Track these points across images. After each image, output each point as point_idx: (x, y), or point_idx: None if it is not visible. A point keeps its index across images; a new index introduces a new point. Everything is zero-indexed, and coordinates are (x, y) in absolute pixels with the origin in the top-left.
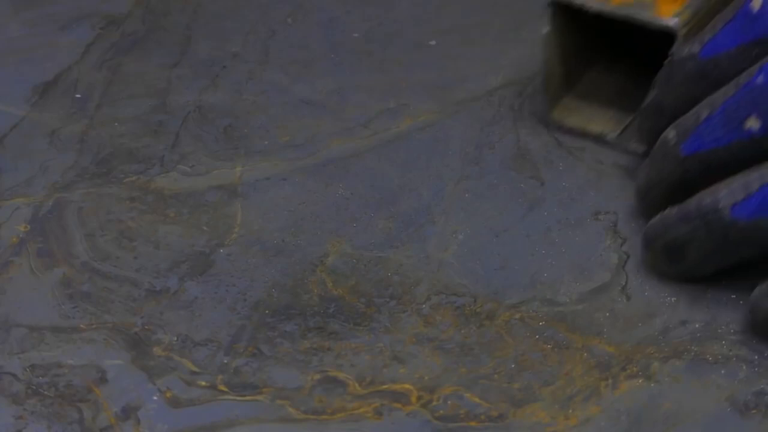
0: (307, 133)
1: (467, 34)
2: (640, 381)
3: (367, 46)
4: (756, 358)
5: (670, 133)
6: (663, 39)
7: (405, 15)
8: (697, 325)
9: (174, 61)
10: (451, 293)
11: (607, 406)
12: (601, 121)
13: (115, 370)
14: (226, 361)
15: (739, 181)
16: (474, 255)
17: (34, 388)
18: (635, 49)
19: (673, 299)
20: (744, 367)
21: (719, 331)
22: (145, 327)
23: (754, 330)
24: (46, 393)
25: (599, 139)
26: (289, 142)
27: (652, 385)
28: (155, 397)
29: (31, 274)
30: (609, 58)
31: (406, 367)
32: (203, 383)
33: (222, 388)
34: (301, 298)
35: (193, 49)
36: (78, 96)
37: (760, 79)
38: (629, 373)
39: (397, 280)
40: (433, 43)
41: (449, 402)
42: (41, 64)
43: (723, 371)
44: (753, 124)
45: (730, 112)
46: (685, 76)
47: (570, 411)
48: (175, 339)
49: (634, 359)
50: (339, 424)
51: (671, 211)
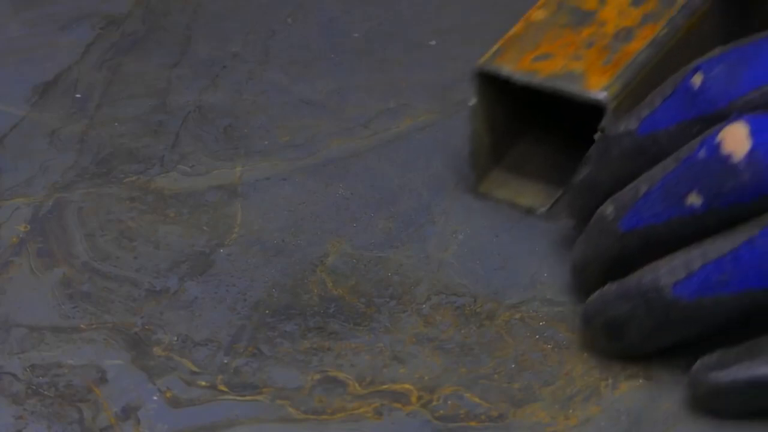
0: (307, 133)
1: (467, 34)
2: (640, 381)
3: (367, 46)
4: None
5: (608, 209)
6: (593, 110)
7: (405, 15)
8: None
9: (174, 61)
10: (451, 293)
11: (607, 406)
12: (531, 194)
13: (115, 370)
14: (226, 361)
15: (680, 258)
16: (474, 255)
17: (34, 388)
18: (565, 120)
19: None
20: None
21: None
22: (145, 327)
23: (696, 404)
24: (46, 393)
25: (529, 212)
26: (289, 142)
27: (652, 385)
28: (155, 397)
29: (31, 274)
30: (539, 129)
31: (406, 367)
32: (203, 383)
33: (222, 388)
34: (301, 298)
35: (193, 49)
36: (78, 96)
37: (702, 153)
38: (629, 373)
39: (397, 280)
40: (433, 43)
41: (449, 402)
42: (41, 64)
43: None
44: (694, 200)
45: (670, 187)
46: (621, 153)
47: (570, 411)
48: (175, 339)
49: (634, 359)
50: (339, 424)
51: (610, 288)
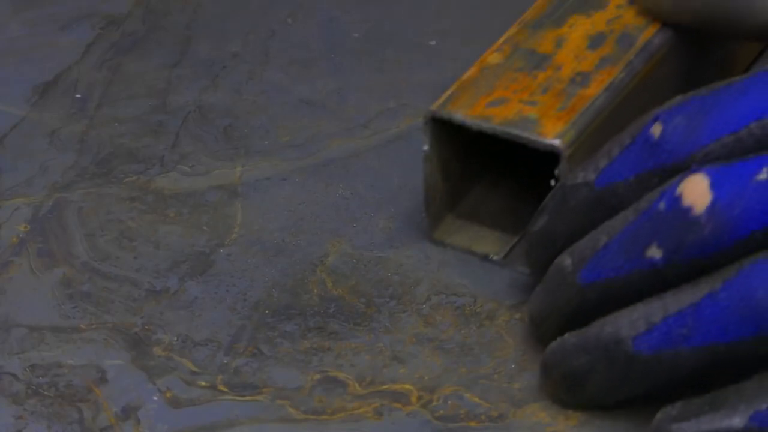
0: (307, 133)
1: (467, 34)
2: None
3: (367, 46)
4: None
5: (566, 260)
6: (549, 156)
7: (405, 15)
8: None
9: (174, 61)
10: (451, 293)
11: None
12: (486, 240)
13: (115, 370)
14: (226, 361)
15: (640, 311)
16: (474, 255)
17: (34, 388)
18: (521, 165)
19: None
20: None
21: None
22: (145, 327)
23: None
24: (46, 393)
25: (485, 259)
26: (289, 142)
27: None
28: (155, 397)
29: (31, 274)
30: (494, 175)
31: (406, 367)
32: (203, 383)
33: (222, 388)
34: (301, 298)
35: (193, 49)
36: (78, 96)
37: (662, 205)
38: None
39: (397, 280)
40: (433, 43)
41: (449, 402)
42: (41, 64)
43: None
44: (654, 253)
45: (629, 239)
46: (579, 204)
47: (570, 411)
48: (175, 339)
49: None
50: (339, 424)
51: (570, 339)
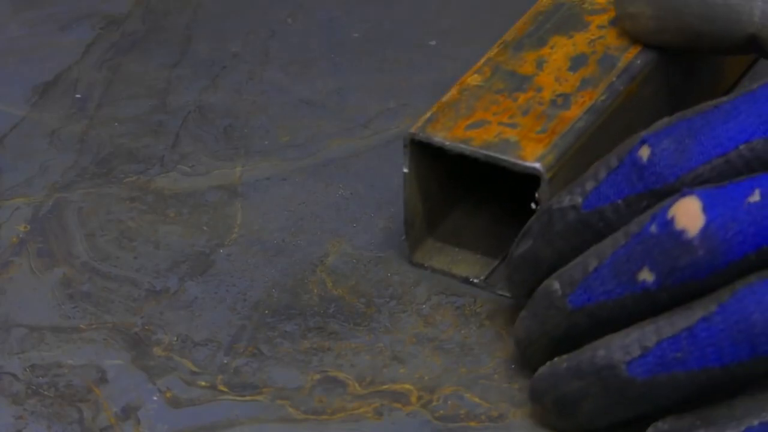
0: (307, 133)
1: (467, 34)
2: None
3: (367, 46)
4: None
5: (554, 284)
6: (530, 178)
7: (405, 15)
8: None
9: (174, 61)
10: (451, 293)
11: None
12: (466, 263)
13: (115, 370)
14: (226, 361)
15: (633, 335)
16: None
17: (34, 388)
18: (501, 188)
19: None
20: None
21: None
22: (145, 327)
23: None
24: (46, 393)
25: (465, 282)
26: (289, 142)
27: None
28: (155, 397)
29: (31, 274)
30: (474, 197)
31: (406, 367)
32: (203, 383)
33: (222, 388)
34: (301, 298)
35: (193, 49)
36: (78, 96)
37: (653, 228)
38: None
39: (397, 280)
40: (433, 43)
41: (449, 402)
42: (41, 64)
43: None
44: (646, 276)
45: (620, 263)
46: (565, 227)
47: None
48: (175, 339)
49: None
50: (339, 424)
51: (561, 364)
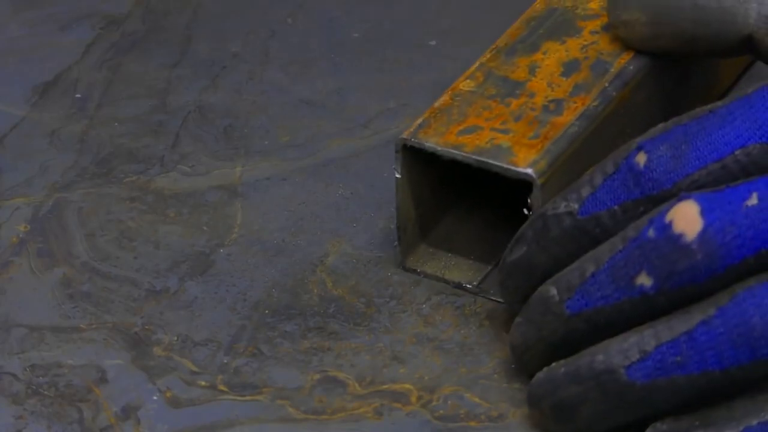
0: (307, 133)
1: (467, 34)
2: None
3: (367, 46)
4: None
5: (551, 290)
6: (522, 184)
7: (405, 15)
8: None
9: (174, 61)
10: (451, 293)
11: None
12: (459, 269)
13: (115, 370)
14: (226, 361)
15: (632, 340)
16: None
17: (34, 388)
18: (493, 193)
19: None
20: None
21: None
22: (145, 327)
23: None
24: (46, 393)
25: (458, 287)
26: (289, 142)
27: None
28: (155, 397)
29: (31, 274)
30: (466, 203)
31: (406, 367)
32: (203, 383)
33: (222, 388)
34: (301, 298)
35: (193, 49)
36: (78, 96)
37: (651, 233)
38: None
39: (397, 280)
40: (433, 43)
41: (449, 402)
42: (41, 64)
43: None
44: (644, 281)
45: (618, 268)
46: (561, 233)
47: None
48: (175, 339)
49: None
50: (339, 424)
51: (559, 369)
